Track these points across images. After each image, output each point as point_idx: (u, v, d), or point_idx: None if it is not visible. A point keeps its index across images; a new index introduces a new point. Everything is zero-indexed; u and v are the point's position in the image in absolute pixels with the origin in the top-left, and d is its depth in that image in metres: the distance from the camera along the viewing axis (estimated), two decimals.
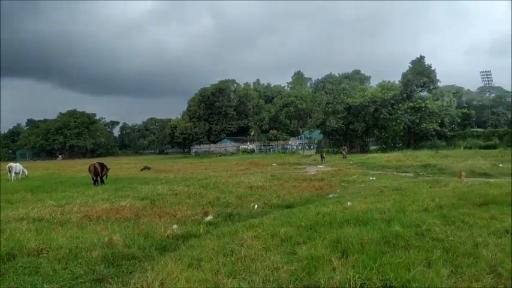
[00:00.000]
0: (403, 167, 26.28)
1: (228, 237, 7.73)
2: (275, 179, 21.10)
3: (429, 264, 5.45)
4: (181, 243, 8.26)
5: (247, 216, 11.10)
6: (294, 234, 7.50)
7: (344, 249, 6.20)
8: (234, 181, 19.83)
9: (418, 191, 12.93)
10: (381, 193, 13.83)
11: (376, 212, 8.98)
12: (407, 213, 8.62)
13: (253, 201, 13.83)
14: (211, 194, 15.38)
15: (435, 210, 9.03)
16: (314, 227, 7.96)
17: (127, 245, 7.78)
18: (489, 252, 5.68)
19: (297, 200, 14.27)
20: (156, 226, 9.53)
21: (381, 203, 10.71)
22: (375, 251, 5.96)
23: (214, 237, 7.95)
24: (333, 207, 10.46)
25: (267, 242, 7.06)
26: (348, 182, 19.64)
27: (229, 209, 12.31)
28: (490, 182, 14.41)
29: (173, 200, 14.15)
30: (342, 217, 8.58)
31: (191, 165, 41.67)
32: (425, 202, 9.97)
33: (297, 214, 9.86)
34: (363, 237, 6.64)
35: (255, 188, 17.48)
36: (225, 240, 7.48)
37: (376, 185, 17.05)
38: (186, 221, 10.40)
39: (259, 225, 8.64)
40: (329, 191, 16.60)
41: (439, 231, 6.89)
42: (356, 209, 9.75)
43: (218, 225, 10.11)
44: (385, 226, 7.47)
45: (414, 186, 15.23)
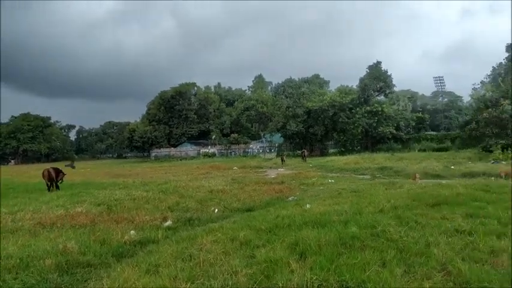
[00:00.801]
0: (361, 170, 26.88)
1: (187, 242, 7.66)
2: (236, 183, 21.08)
3: (384, 264, 5.59)
4: (139, 249, 8.12)
5: (207, 221, 11.05)
6: (254, 237, 7.53)
7: (302, 251, 6.27)
8: (194, 185, 19.65)
9: (375, 193, 13.26)
10: (339, 195, 14.08)
11: (334, 214, 9.14)
12: (364, 215, 8.83)
13: (213, 206, 13.75)
14: (171, 199, 15.17)
15: (390, 211, 9.29)
16: (273, 230, 8.01)
17: (82, 252, 7.57)
18: (440, 251, 5.90)
19: (258, 203, 14.28)
20: (113, 232, 9.30)
21: (338, 205, 10.92)
22: (332, 253, 6.07)
23: (173, 243, 7.85)
24: (292, 210, 10.57)
25: (226, 246, 7.05)
26: (307, 184, 19.86)
27: (189, 214, 12.18)
28: (442, 184, 14.96)
29: (131, 205, 13.84)
30: (301, 219, 8.69)
31: (150, 170, 40.98)
32: (381, 203, 10.24)
33: (257, 217, 9.89)
34: (320, 239, 6.75)
35: (215, 192, 17.37)
36: (183, 245, 7.40)
37: (335, 188, 17.34)
38: (144, 227, 10.20)
39: (219, 229, 8.62)
40: (289, 193, 16.73)
41: (394, 232, 7.09)
42: (315, 211, 9.89)
43: (177, 230, 9.99)
44: (342, 228, 7.63)
45: (371, 188, 15.60)
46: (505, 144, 30.77)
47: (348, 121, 51.00)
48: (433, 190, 12.59)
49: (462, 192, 11.48)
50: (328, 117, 52.28)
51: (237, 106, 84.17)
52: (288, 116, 55.23)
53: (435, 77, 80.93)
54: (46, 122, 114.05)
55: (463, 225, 7.48)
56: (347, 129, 51.52)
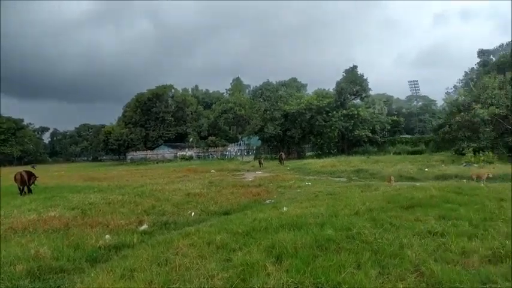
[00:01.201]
0: (337, 172, 27.13)
1: (163, 246, 7.59)
2: (213, 186, 21.02)
3: (359, 266, 5.66)
4: (113, 254, 8.01)
5: (184, 224, 10.99)
6: (230, 241, 7.52)
7: (279, 254, 6.30)
8: (171, 188, 19.49)
9: (351, 196, 13.43)
10: (316, 198, 14.22)
11: (311, 217, 9.21)
12: (340, 217, 8.92)
13: (190, 209, 13.68)
14: (147, 202, 15.02)
15: (366, 213, 9.41)
16: (250, 233, 8.02)
17: (55, 258, 7.42)
18: (413, 253, 6.02)
19: (235, 206, 14.28)
20: (87, 237, 9.17)
21: (315, 207, 11.00)
22: (308, 255, 6.12)
23: (149, 247, 7.78)
24: (269, 212, 10.60)
25: (202, 249, 7.02)
26: (284, 187, 19.96)
27: (165, 217, 12.10)
28: (416, 186, 15.22)
29: (106, 209, 13.65)
30: (278, 222, 8.71)
31: (126, 173, 40.40)
32: (356, 206, 10.36)
33: (234, 221, 9.89)
34: (297, 241, 6.79)
35: (192, 195, 17.28)
36: (159, 250, 7.34)
37: (312, 190, 17.49)
38: (119, 231, 10.07)
39: (196, 233, 8.58)
40: (266, 196, 16.78)
41: (369, 234, 7.19)
42: (291, 214, 9.94)
43: (153, 234, 9.91)
44: (318, 230, 7.69)
45: (347, 190, 15.79)
46: (476, 147, 31.54)
47: (324, 124, 51.43)
48: (407, 192, 12.80)
49: (435, 195, 11.70)
50: (305, 120, 52.61)
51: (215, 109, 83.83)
52: (265, 119, 55.35)
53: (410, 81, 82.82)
54: (19, 124, 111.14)
55: (435, 226, 7.63)
56: (324, 132, 51.94)
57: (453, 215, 8.77)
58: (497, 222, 7.92)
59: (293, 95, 62.26)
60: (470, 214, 8.66)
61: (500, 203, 10.24)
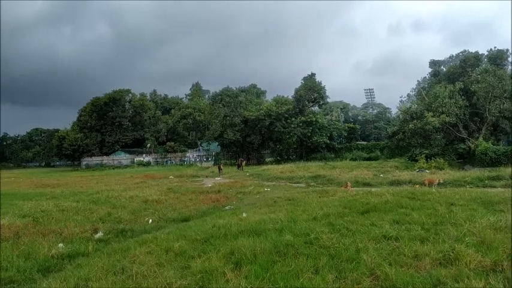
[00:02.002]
0: (296, 178, 27.40)
1: (119, 255, 7.43)
2: (171, 192, 20.73)
3: (316, 271, 5.75)
4: (67, 263, 7.76)
5: (141, 232, 10.77)
6: (189, 248, 7.46)
7: (238, 261, 6.30)
8: (127, 195, 19.04)
9: (309, 201, 13.61)
10: (275, 203, 14.30)
11: (270, 222, 9.27)
12: (298, 223, 9.02)
13: (147, 216, 13.43)
14: (103, 210, 14.63)
15: (323, 218, 9.57)
16: (209, 240, 7.98)
17: (4, 268, 7.12)
18: (369, 257, 6.17)
19: (194, 213, 14.15)
20: (39, 246, 8.82)
21: (274, 213, 11.08)
22: (267, 261, 6.15)
23: (104, 255, 7.58)
24: (228, 219, 10.58)
25: (160, 257, 6.92)
26: (244, 193, 19.95)
27: (122, 225, 11.82)
28: (371, 191, 15.60)
29: (59, 216, 13.19)
30: (237, 229, 8.72)
31: (81, 179, 39.15)
32: (314, 211, 10.52)
33: (193, 227, 9.81)
34: (256, 247, 6.81)
35: (150, 202, 16.99)
36: (115, 258, 7.17)
37: (271, 196, 17.57)
38: (73, 239, 9.75)
39: (153, 240, 8.44)
40: (225, 202, 16.74)
41: (326, 239, 7.31)
42: (251, 220, 9.97)
43: (109, 242, 9.64)
44: (277, 236, 7.75)
45: (305, 196, 15.98)
46: (428, 153, 32.81)
47: (283, 130, 51.93)
48: (363, 198, 13.12)
49: (390, 200, 12.06)
50: (264, 126, 52.95)
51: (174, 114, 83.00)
52: (225, 124, 55.28)
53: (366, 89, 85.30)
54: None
55: (390, 231, 7.86)
56: (283, 138, 52.46)
57: (406, 219, 9.06)
58: (447, 226, 8.25)
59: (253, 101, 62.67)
60: (423, 218, 8.98)
61: (450, 207, 10.69)
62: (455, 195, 13.33)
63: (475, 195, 13.16)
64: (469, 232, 7.58)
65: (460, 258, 5.99)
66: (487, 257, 6.06)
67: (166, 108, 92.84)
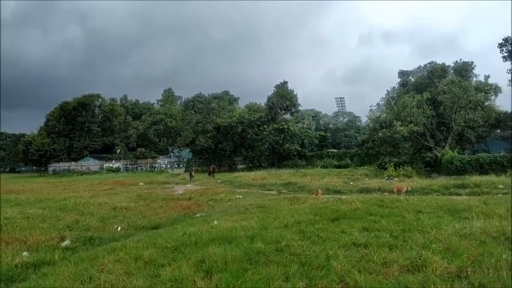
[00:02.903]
0: (268, 185, 27.47)
1: (87, 263, 7.26)
2: (141, 199, 20.43)
3: (287, 279, 5.77)
4: (32, 272, 7.52)
5: (110, 240, 10.57)
6: (159, 256, 7.36)
7: (208, 269, 6.26)
8: (96, 202, 18.63)
9: (280, 208, 13.66)
10: (246, 211, 14.30)
11: (241, 230, 9.26)
12: (270, 230, 9.05)
13: (116, 223, 13.18)
14: (70, 217, 14.26)
15: (294, 226, 9.63)
16: (179, 248, 7.90)
17: None
18: (339, 264, 6.24)
19: (164, 220, 13.97)
20: (3, 254, 8.52)
21: (245, 220, 11.07)
22: (238, 269, 6.13)
23: (71, 264, 7.39)
24: (199, 226, 10.51)
25: (129, 265, 6.81)
26: (215, 200, 19.85)
27: (90, 233, 11.54)
28: (342, 199, 15.80)
29: (24, 224, 12.77)
30: (208, 236, 8.67)
31: (48, 185, 38.02)
32: (286, 219, 10.57)
33: (163, 235, 9.70)
34: (227, 255, 6.79)
35: (119, 209, 16.68)
36: (83, 266, 7.00)
37: (242, 203, 17.57)
38: (39, 247, 9.45)
39: (122, 248, 8.30)
40: (197, 210, 16.61)
41: (297, 246, 7.36)
42: (222, 227, 9.93)
43: (76, 250, 9.41)
44: (248, 243, 7.75)
45: (277, 203, 16.04)
46: (397, 162, 33.55)
47: (256, 138, 52.04)
48: (333, 205, 13.27)
49: (359, 207, 12.25)
50: (237, 133, 52.93)
51: (145, 120, 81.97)
52: (197, 131, 54.94)
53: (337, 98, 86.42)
54: None
55: (359, 238, 7.97)
56: (255, 145, 52.54)
57: (376, 226, 9.22)
58: (415, 233, 8.44)
59: (225, 108, 62.57)
60: (391, 226, 9.15)
61: (417, 215, 10.95)
62: (422, 202, 13.65)
63: (442, 203, 13.51)
64: (436, 239, 7.78)
65: (427, 265, 6.13)
66: (452, 263, 6.22)
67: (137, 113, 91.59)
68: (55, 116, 79.42)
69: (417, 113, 35.39)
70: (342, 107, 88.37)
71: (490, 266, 6.13)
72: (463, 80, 38.57)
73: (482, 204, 12.82)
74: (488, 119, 37.58)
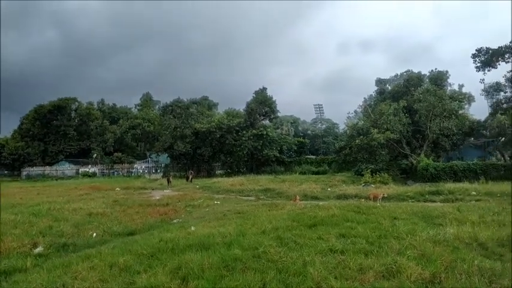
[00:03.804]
0: (246, 191, 27.44)
1: (60, 270, 7.11)
2: (117, 205, 20.12)
3: (264, 285, 5.78)
4: (3, 280, 7.33)
5: (84, 246, 10.37)
6: (134, 262, 7.27)
7: (185, 276, 6.21)
8: (70, 207, 18.25)
9: (258, 214, 13.68)
10: (224, 217, 14.26)
11: (218, 236, 9.22)
12: (247, 236, 9.04)
13: (91, 230, 12.94)
14: (43, 223, 13.93)
15: (272, 232, 9.65)
16: (156, 254, 7.82)
17: None
18: (315, 270, 6.27)
19: (140, 226, 13.78)
20: None
21: (223, 226, 11.04)
22: (215, 276, 6.11)
23: (44, 271, 7.22)
24: (176, 232, 10.43)
25: (104, 273, 6.70)
26: (193, 206, 19.70)
27: (64, 239, 11.31)
28: (319, 205, 15.93)
29: None
30: (185, 243, 8.61)
31: (20, 190, 37.01)
32: (263, 225, 10.59)
33: (139, 241, 9.58)
34: (204, 262, 6.76)
35: (94, 214, 16.38)
36: (56, 274, 6.86)
37: (220, 209, 17.50)
38: (10, 254, 9.20)
39: (97, 255, 8.16)
40: (174, 216, 16.45)
41: (274, 253, 7.37)
42: (199, 233, 9.88)
43: (49, 257, 9.19)
44: (225, 250, 7.72)
45: (255, 209, 16.05)
46: (374, 168, 33.97)
47: (234, 143, 51.96)
48: (311, 211, 13.36)
49: (336, 214, 12.36)
50: (215, 139, 52.74)
51: (122, 124, 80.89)
52: (175, 136, 54.50)
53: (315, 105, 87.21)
54: None
55: (336, 244, 8.04)
56: (234, 151, 52.44)
57: (352, 233, 9.31)
58: (390, 239, 8.56)
59: (204, 113, 62.32)
60: (367, 232, 9.26)
61: (393, 221, 11.12)
62: (398, 209, 13.88)
63: (417, 209, 13.77)
64: (411, 245, 7.91)
65: (401, 271, 6.22)
66: (426, 269, 6.33)
67: (114, 118, 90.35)
68: (30, 119, 77.73)
69: (394, 121, 36.01)
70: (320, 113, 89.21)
71: (462, 271, 6.26)
72: (438, 88, 39.44)
73: (456, 211, 13.13)
74: (462, 128, 38.53)
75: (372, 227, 10.10)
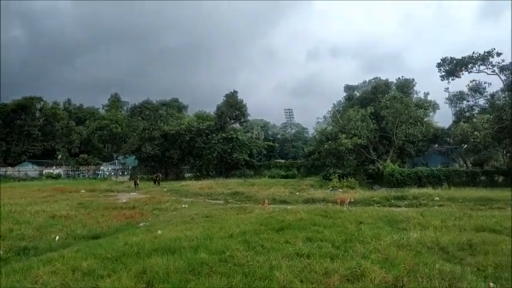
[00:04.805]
0: (215, 195, 27.34)
1: (20, 275, 6.89)
2: (82, 207, 19.63)
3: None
4: None
5: (46, 250, 10.07)
6: (98, 267, 7.12)
7: (150, 280, 6.13)
8: (33, 210, 17.67)
9: (226, 218, 13.65)
10: (192, 220, 14.15)
11: (185, 240, 9.14)
12: (214, 240, 9.00)
13: (54, 233, 12.58)
14: (3, 225, 13.43)
15: (239, 236, 9.65)
16: (121, 258, 7.69)
17: None
18: (282, 274, 6.30)
19: (106, 229, 13.51)
20: None
21: (190, 230, 10.95)
22: (180, 280, 6.05)
23: (2, 276, 7.00)
24: (142, 236, 10.29)
25: (66, 277, 6.54)
26: (160, 209, 19.47)
27: (25, 242, 10.94)
28: (287, 209, 16.04)
29: None
30: (151, 246, 8.50)
31: None
32: (231, 229, 10.57)
33: (104, 245, 9.40)
34: (169, 266, 6.68)
35: (58, 217, 15.93)
36: (15, 278, 6.65)
37: (188, 213, 17.37)
38: None
39: (59, 259, 7.95)
40: (140, 219, 16.20)
41: (241, 257, 7.36)
42: (166, 237, 9.77)
43: (9, 261, 8.88)
44: (192, 254, 7.66)
45: (223, 213, 16.01)
46: (341, 173, 34.48)
47: (204, 146, 51.70)
48: (279, 215, 13.44)
49: (304, 218, 12.47)
50: (185, 141, 52.33)
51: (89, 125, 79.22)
52: (143, 138, 53.76)
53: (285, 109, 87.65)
54: None
55: (303, 248, 8.11)
56: (203, 154, 52.15)
57: (319, 236, 9.42)
58: (355, 243, 8.71)
59: (174, 115, 61.79)
60: (334, 236, 9.39)
61: (359, 225, 11.33)
62: (364, 213, 14.15)
63: (382, 214, 14.08)
64: (375, 249, 8.06)
65: (365, 275, 6.33)
66: (390, 273, 6.47)
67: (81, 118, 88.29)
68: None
69: (361, 127, 36.71)
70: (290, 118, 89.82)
71: (424, 275, 6.43)
72: (404, 96, 40.51)
73: (419, 216, 13.49)
74: (427, 134, 39.72)
75: (338, 231, 10.24)
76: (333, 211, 14.95)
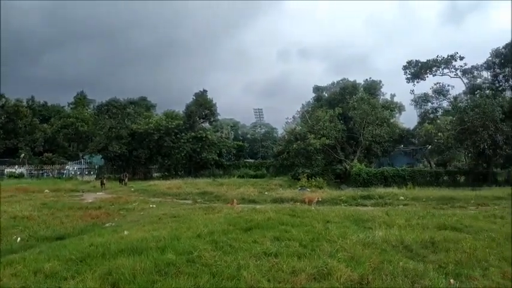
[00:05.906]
0: (183, 194, 27.13)
1: None
2: (46, 208, 19.07)
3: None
4: None
5: (7, 252, 9.75)
6: (62, 268, 6.96)
7: (115, 282, 6.04)
8: None
9: (194, 218, 13.57)
10: (159, 221, 14.00)
11: (152, 241, 9.04)
12: (182, 240, 8.94)
13: (16, 234, 12.20)
14: None
15: (207, 236, 9.61)
16: (85, 260, 7.53)
17: None
18: (249, 274, 6.32)
19: (70, 230, 13.19)
20: None
21: (157, 230, 10.83)
22: (147, 281, 5.99)
23: None
24: (108, 237, 10.11)
25: (28, 279, 6.37)
26: (127, 210, 19.17)
27: None
28: (256, 208, 16.09)
29: None
30: (117, 247, 8.36)
31: None
32: (199, 229, 10.52)
33: (68, 246, 9.19)
34: (135, 267, 6.60)
35: (19, 218, 15.42)
36: None
37: (156, 213, 17.16)
38: None
39: (20, 261, 7.72)
40: (106, 219, 15.90)
41: (209, 257, 7.34)
42: (132, 238, 9.63)
43: None
44: (159, 254, 7.59)
45: (191, 213, 15.91)
46: (310, 173, 34.84)
47: (173, 146, 51.17)
48: (247, 215, 13.47)
49: (272, 217, 12.54)
50: (153, 140, 51.65)
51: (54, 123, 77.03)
52: (110, 137, 52.70)
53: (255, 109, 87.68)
54: None
55: (271, 247, 8.16)
56: (172, 153, 51.62)
57: (286, 236, 9.50)
58: (322, 242, 8.83)
59: (142, 114, 60.88)
60: (301, 235, 9.49)
61: (326, 224, 11.48)
62: (331, 213, 14.36)
63: (349, 213, 14.33)
64: (342, 248, 8.20)
65: (332, 273, 6.43)
66: (355, 271, 6.59)
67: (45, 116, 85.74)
68: None
69: (329, 127, 37.26)
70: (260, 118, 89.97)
71: (388, 273, 6.59)
72: (371, 97, 41.35)
73: (385, 215, 13.80)
74: (393, 135, 40.69)
75: (305, 230, 10.35)
76: (301, 210, 15.10)
